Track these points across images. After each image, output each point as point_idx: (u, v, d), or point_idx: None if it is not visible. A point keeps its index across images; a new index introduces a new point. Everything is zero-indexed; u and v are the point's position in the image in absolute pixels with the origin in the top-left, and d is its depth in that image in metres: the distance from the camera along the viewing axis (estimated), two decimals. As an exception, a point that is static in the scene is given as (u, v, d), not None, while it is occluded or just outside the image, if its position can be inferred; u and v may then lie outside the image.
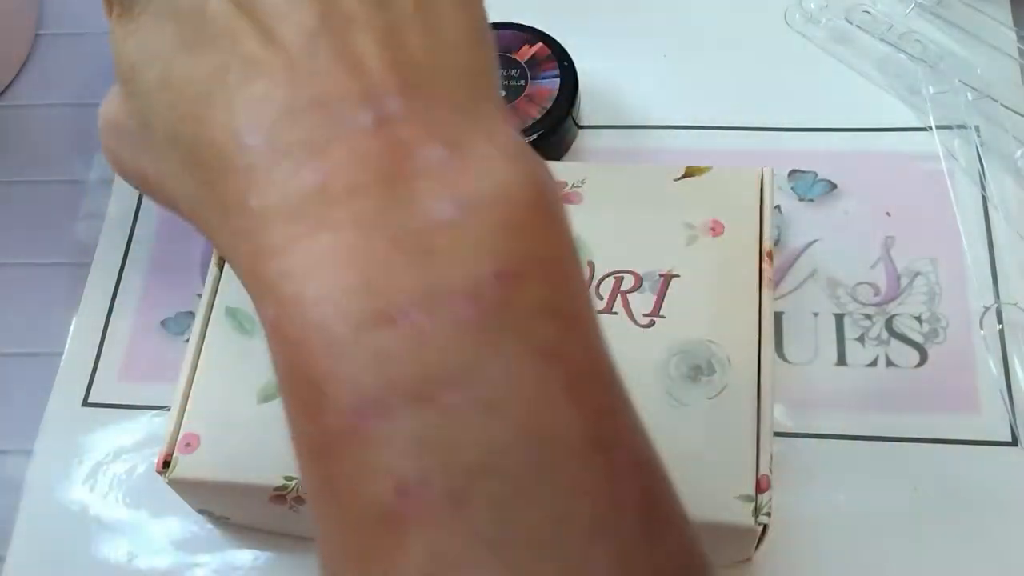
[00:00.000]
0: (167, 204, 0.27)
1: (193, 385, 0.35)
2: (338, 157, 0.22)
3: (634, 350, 0.35)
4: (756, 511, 0.32)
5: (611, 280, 0.36)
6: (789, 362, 0.41)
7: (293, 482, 0.33)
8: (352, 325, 0.20)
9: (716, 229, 0.37)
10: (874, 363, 0.40)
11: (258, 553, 0.39)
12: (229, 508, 0.38)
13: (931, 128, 0.45)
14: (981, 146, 0.44)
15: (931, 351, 0.40)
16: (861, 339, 0.41)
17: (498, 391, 0.20)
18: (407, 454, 0.20)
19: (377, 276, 0.21)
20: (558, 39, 0.46)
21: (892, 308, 0.41)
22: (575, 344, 0.22)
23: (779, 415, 0.39)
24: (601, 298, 0.36)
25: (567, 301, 0.22)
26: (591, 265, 0.37)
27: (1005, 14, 0.48)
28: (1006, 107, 0.45)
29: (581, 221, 0.37)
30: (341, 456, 0.20)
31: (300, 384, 0.21)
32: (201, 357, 0.36)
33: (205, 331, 0.36)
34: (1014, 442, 0.38)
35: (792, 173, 0.45)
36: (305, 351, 0.21)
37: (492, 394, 0.20)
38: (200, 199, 0.24)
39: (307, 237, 0.21)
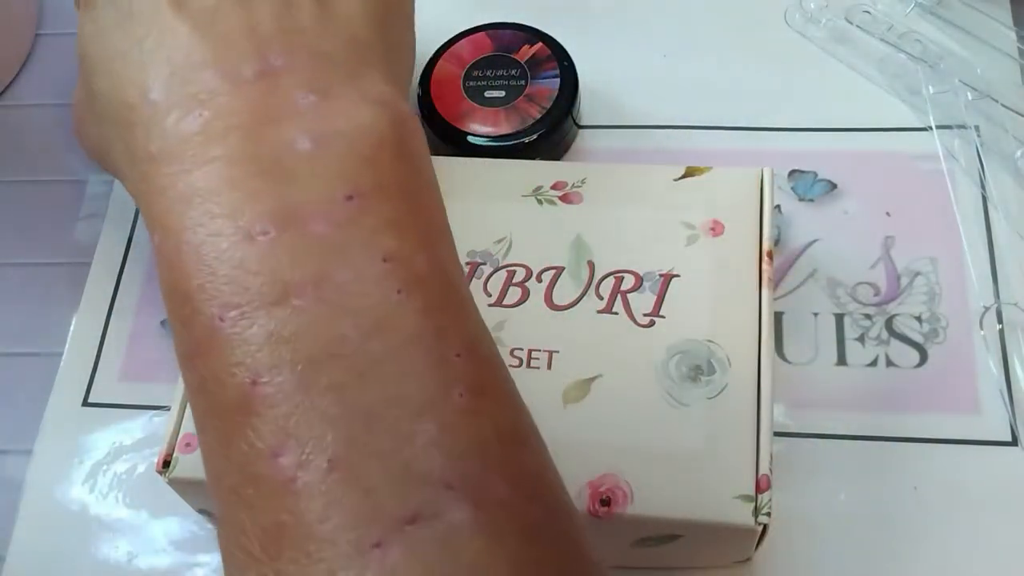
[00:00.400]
0: (109, 168, 0.32)
1: (193, 385, 0.35)
2: (220, 105, 0.26)
3: (634, 350, 0.35)
4: (756, 511, 0.32)
5: (611, 280, 0.36)
6: (789, 362, 0.41)
7: (293, 482, 0.33)
8: (219, 244, 0.24)
9: (716, 229, 0.37)
10: (874, 363, 0.40)
11: (258, 553, 0.39)
12: (229, 508, 0.38)
13: (931, 128, 0.45)
14: (981, 146, 0.44)
15: (931, 351, 0.40)
16: (861, 339, 0.41)
17: (342, 293, 0.23)
18: (260, 349, 0.23)
19: (241, 200, 0.24)
20: (558, 39, 0.46)
21: (892, 308, 0.41)
22: (415, 253, 0.25)
23: (779, 415, 0.39)
24: (601, 298, 0.36)
25: (410, 218, 0.25)
26: (591, 265, 0.37)
27: (1005, 14, 0.48)
28: (1006, 107, 0.45)
29: (581, 221, 0.38)
30: (208, 357, 0.24)
31: (177, 299, 0.24)
32: (201, 357, 0.36)
33: (205, 331, 0.36)
34: (1014, 442, 0.38)
35: (792, 173, 0.45)
36: (181, 270, 0.24)
37: (337, 296, 0.23)
38: (119, 152, 0.28)
39: (187, 173, 0.25)
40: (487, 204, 0.38)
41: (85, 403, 0.43)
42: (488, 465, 0.23)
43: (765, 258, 0.36)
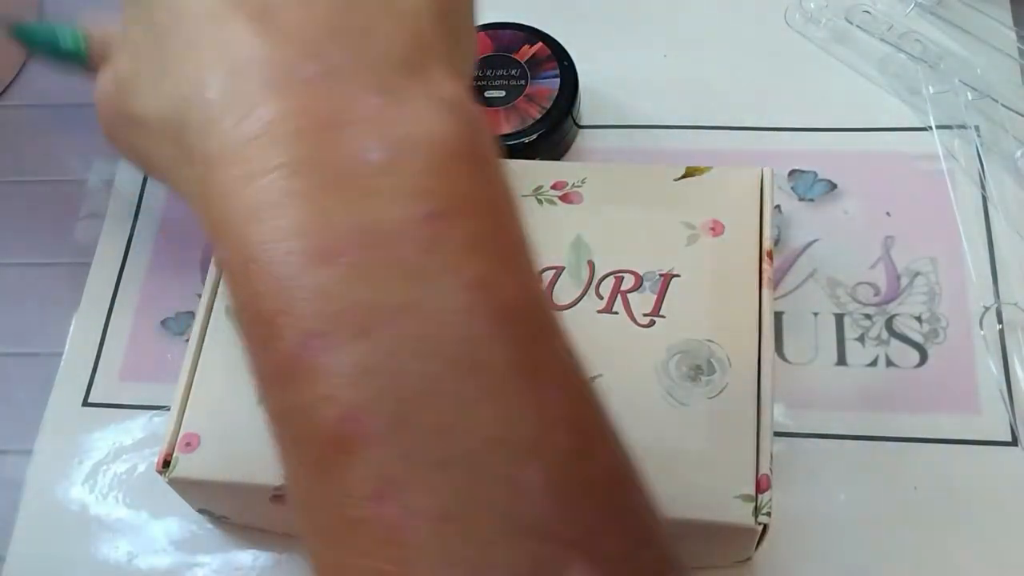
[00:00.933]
0: (152, 170, 0.30)
1: (193, 385, 0.35)
2: (280, 106, 0.24)
3: (634, 350, 0.35)
4: (756, 511, 0.32)
5: (611, 280, 0.36)
6: (789, 362, 0.41)
7: (293, 482, 0.33)
8: (293, 266, 0.22)
9: (716, 229, 0.37)
10: (874, 363, 0.40)
11: (258, 553, 0.39)
12: (229, 508, 0.38)
13: (931, 128, 0.45)
14: (981, 146, 0.44)
15: (931, 351, 0.40)
16: (861, 339, 0.41)
17: (430, 324, 0.22)
18: (349, 383, 0.21)
19: (313, 218, 0.22)
20: (558, 39, 0.46)
21: (892, 308, 0.41)
22: (503, 277, 0.23)
23: (779, 415, 0.39)
24: (601, 298, 0.36)
25: (495, 238, 0.23)
26: (591, 265, 0.37)
27: (1005, 14, 0.48)
28: (1006, 107, 0.45)
29: (581, 221, 0.38)
30: (291, 386, 0.22)
31: (253, 320, 0.23)
32: (201, 357, 0.36)
33: (205, 331, 0.36)
34: (1014, 442, 0.38)
35: (792, 173, 0.45)
36: (254, 290, 0.22)
37: (424, 327, 0.21)
38: (167, 156, 0.27)
39: (250, 179, 0.23)
40: (487, 204, 0.38)
41: (85, 403, 0.43)
42: (601, 513, 0.22)
43: (765, 258, 0.36)
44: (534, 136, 0.44)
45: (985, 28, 0.47)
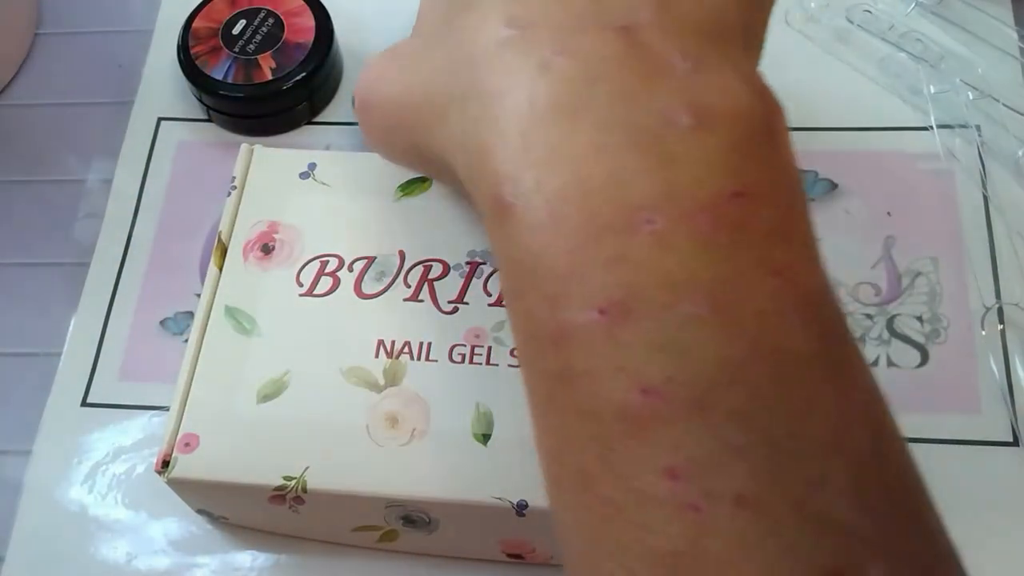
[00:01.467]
0: (427, 149, 0.28)
1: (192, 385, 0.35)
2: (584, 51, 0.22)
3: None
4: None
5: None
6: (790, 362, 0.40)
7: (292, 482, 0.33)
8: (596, 224, 0.21)
9: (717, 229, 0.37)
10: (875, 363, 0.40)
11: (257, 553, 0.39)
12: (228, 508, 0.38)
13: (932, 128, 0.45)
14: (982, 146, 0.44)
15: (932, 351, 0.40)
16: (862, 339, 0.41)
17: (736, 305, 0.20)
18: (651, 357, 0.20)
19: (618, 176, 0.21)
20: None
21: (893, 308, 0.41)
22: (804, 267, 0.22)
23: (780, 415, 0.39)
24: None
25: (795, 225, 0.22)
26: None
27: (1006, 13, 0.48)
28: (1007, 107, 0.45)
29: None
30: (581, 350, 0.21)
31: (536, 276, 0.22)
32: (200, 357, 0.36)
33: (204, 331, 0.36)
34: (1015, 442, 0.38)
35: (793, 173, 0.45)
36: (543, 246, 0.21)
37: (730, 307, 0.20)
38: (453, 123, 0.25)
39: (548, 129, 0.22)
40: (487, 204, 0.38)
41: (84, 403, 0.43)
42: (899, 514, 0.21)
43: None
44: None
45: (986, 27, 0.47)
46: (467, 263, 0.37)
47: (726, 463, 0.20)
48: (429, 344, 0.35)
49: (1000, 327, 0.40)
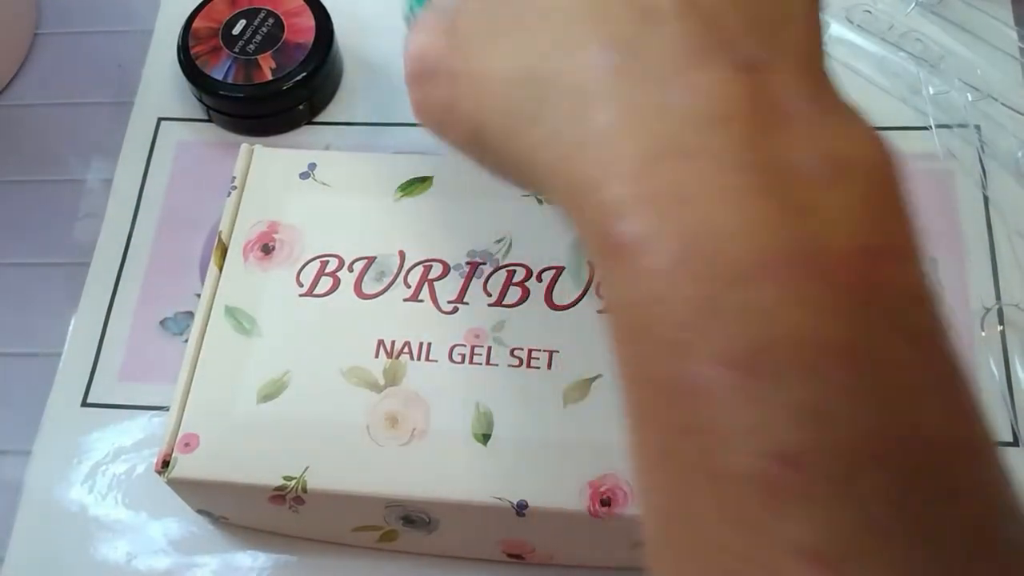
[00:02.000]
0: (508, 151, 0.26)
1: (192, 385, 0.35)
2: (708, 89, 0.21)
3: (634, 350, 0.35)
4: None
5: (611, 280, 0.36)
6: (790, 362, 0.40)
7: (292, 482, 0.33)
8: (725, 271, 0.19)
9: (717, 229, 0.37)
10: (875, 363, 0.40)
11: (257, 553, 0.39)
12: (228, 508, 0.38)
13: (932, 128, 0.45)
14: (982, 146, 0.44)
15: (932, 351, 0.40)
16: (862, 339, 0.41)
17: (878, 374, 0.19)
18: (791, 422, 0.19)
19: (751, 223, 0.19)
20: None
21: (893, 308, 0.41)
22: (938, 335, 0.20)
23: (780, 415, 0.39)
24: (602, 297, 0.36)
25: (926, 287, 0.21)
26: (591, 265, 0.36)
27: (1006, 13, 0.48)
28: (1007, 106, 0.45)
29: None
30: (706, 404, 0.19)
31: (665, 323, 0.20)
32: (200, 357, 0.36)
33: (204, 331, 0.36)
34: (1015, 442, 0.38)
35: (792, 173, 0.44)
36: (671, 288, 0.20)
37: (872, 376, 0.19)
38: (543, 134, 0.23)
39: (671, 164, 0.20)
40: (487, 203, 0.38)
41: (84, 403, 0.43)
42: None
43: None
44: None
45: (986, 27, 0.47)
46: (467, 263, 0.37)
47: (871, 548, 0.18)
48: (429, 344, 0.35)
49: (1000, 328, 0.40)
